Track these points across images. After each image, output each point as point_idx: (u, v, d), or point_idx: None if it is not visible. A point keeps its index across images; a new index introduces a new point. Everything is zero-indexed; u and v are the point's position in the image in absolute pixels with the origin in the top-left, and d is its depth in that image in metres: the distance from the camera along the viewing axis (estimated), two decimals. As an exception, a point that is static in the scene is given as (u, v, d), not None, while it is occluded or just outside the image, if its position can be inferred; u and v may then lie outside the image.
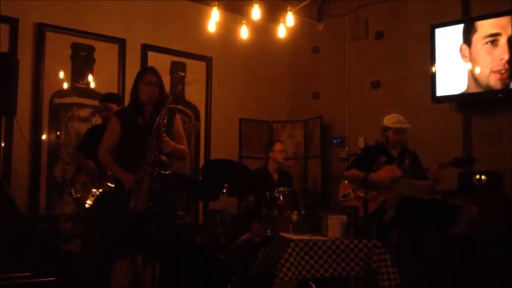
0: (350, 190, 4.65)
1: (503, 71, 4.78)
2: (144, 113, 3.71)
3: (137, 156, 3.55)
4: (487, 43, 4.90)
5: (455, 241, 4.19)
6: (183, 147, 3.82)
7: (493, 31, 4.86)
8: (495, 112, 4.94)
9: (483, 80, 4.92)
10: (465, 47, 5.04)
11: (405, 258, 4.28)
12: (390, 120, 4.67)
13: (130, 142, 3.65)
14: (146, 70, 3.88)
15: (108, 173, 4.31)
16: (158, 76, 3.74)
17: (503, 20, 4.80)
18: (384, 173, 4.47)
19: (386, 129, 4.66)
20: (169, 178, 3.61)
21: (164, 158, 3.53)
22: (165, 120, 3.56)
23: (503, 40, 4.79)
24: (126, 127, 3.69)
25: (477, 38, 4.97)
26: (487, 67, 4.88)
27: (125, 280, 3.63)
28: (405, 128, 4.64)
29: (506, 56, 4.76)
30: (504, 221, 4.39)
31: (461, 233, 3.27)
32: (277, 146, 5.58)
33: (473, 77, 4.98)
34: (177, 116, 3.87)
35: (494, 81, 4.85)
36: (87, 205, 4.42)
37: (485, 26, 4.92)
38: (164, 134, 3.52)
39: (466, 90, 5.03)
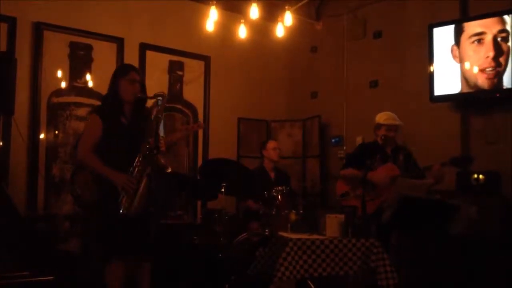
0: (347, 189, 4.64)
1: (490, 69, 4.81)
2: (125, 112, 3.62)
3: (125, 156, 3.49)
4: (473, 42, 4.94)
5: (454, 241, 4.19)
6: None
7: (479, 30, 4.89)
8: (493, 112, 4.95)
9: (472, 79, 4.95)
10: (455, 47, 5.07)
11: (404, 258, 4.28)
12: (382, 117, 4.68)
13: (116, 142, 3.53)
14: (129, 68, 3.74)
15: None
16: (139, 74, 3.70)
17: (488, 20, 4.84)
18: (383, 172, 4.46)
19: (378, 126, 4.68)
20: (164, 178, 3.62)
21: (162, 159, 3.54)
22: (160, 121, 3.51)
23: (488, 38, 4.83)
24: (109, 126, 3.55)
25: (464, 38, 5.01)
26: (475, 66, 4.93)
27: (119, 281, 3.61)
28: (397, 124, 4.65)
29: (491, 54, 4.80)
30: (503, 221, 4.39)
31: (460, 233, 3.28)
32: (270, 144, 5.60)
33: (463, 76, 5.00)
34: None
35: (481, 80, 4.88)
36: (89, 204, 4.42)
37: (471, 26, 4.96)
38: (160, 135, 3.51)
39: (461, 90, 5.04)
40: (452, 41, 5.08)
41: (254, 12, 5.48)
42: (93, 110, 3.72)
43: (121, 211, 3.41)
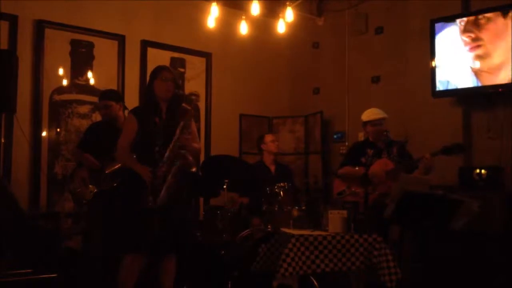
0: (344, 187, 4.66)
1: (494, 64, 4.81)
2: (160, 111, 3.82)
3: (156, 154, 3.69)
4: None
5: (456, 235, 4.19)
6: (196, 145, 3.97)
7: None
8: (496, 107, 4.94)
9: (476, 74, 4.94)
10: (458, 41, 5.05)
11: (406, 253, 4.29)
12: (366, 115, 4.76)
13: (150, 140, 3.73)
14: (161, 68, 3.96)
15: (106, 172, 4.32)
16: (172, 73, 3.91)
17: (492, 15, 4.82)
18: (377, 167, 4.50)
19: (364, 124, 4.75)
20: (186, 177, 3.78)
21: (190, 157, 3.70)
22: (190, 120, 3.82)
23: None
24: (144, 125, 3.77)
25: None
26: (478, 61, 4.93)
27: (133, 275, 3.68)
28: (380, 118, 4.67)
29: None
30: (505, 216, 4.39)
31: (462, 228, 3.28)
32: (268, 138, 5.64)
33: (471, 71, 4.98)
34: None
35: (485, 75, 4.86)
36: (85, 202, 4.43)
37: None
38: (189, 132, 3.76)
39: (465, 85, 5.02)
40: (456, 36, 5.06)
41: (255, 8, 5.48)
42: (131, 110, 3.98)
43: (149, 203, 3.62)
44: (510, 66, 4.70)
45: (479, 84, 4.92)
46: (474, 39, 4.93)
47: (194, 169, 3.73)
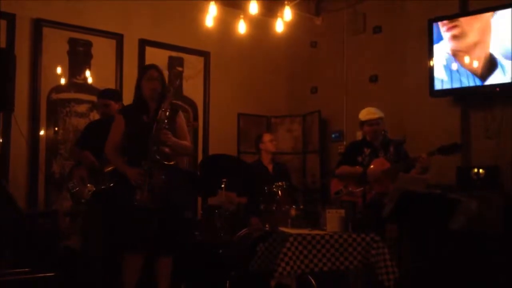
0: (341, 187, 4.67)
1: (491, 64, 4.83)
2: (149, 110, 3.80)
3: (142, 152, 3.65)
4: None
5: (454, 235, 4.20)
6: (185, 142, 3.92)
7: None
8: (494, 106, 4.94)
9: (458, 54, 4.99)
10: (456, 41, 5.06)
11: (405, 252, 4.29)
12: (362, 114, 4.75)
13: (136, 139, 3.72)
14: (147, 67, 3.98)
15: (105, 171, 4.31)
16: (159, 71, 3.88)
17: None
18: (374, 166, 4.50)
19: (361, 124, 4.74)
20: (177, 173, 3.78)
21: (166, 149, 3.66)
22: (167, 113, 3.67)
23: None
24: (131, 124, 3.77)
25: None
26: (476, 60, 4.94)
27: (135, 274, 3.70)
28: (376, 118, 4.66)
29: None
30: (503, 215, 4.39)
31: (460, 227, 3.28)
32: (266, 137, 5.63)
33: (465, 70, 4.99)
34: (180, 112, 3.97)
35: (466, 55, 4.92)
36: (83, 200, 4.43)
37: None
38: (165, 127, 3.65)
39: (461, 85, 5.03)
40: (454, 36, 5.07)
41: (254, 7, 5.47)
42: (119, 110, 4.00)
43: (135, 203, 3.60)
44: (485, 44, 4.76)
45: (459, 65, 4.96)
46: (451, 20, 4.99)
47: (172, 162, 3.68)
